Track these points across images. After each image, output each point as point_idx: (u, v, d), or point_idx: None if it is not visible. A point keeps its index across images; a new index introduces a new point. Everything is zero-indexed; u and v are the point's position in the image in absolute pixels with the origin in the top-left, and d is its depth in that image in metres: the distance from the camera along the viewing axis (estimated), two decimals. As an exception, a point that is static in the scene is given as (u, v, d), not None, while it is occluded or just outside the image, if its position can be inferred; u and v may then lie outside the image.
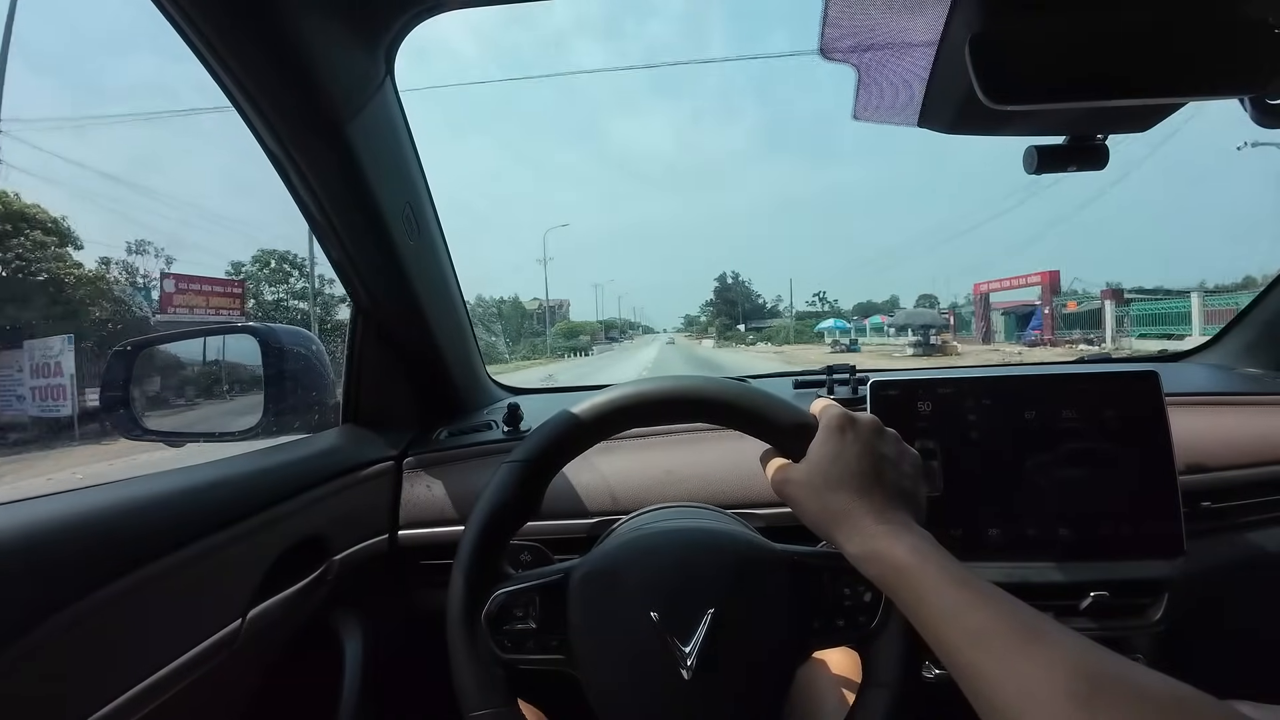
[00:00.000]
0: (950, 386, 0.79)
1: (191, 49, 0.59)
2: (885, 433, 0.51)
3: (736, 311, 77.19)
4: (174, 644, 0.57)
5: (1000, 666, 0.36)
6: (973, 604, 0.40)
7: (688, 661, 0.51)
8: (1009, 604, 0.39)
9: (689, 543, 0.58)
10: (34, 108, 54.68)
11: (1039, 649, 0.36)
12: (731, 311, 77.19)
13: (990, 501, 0.78)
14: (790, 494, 0.51)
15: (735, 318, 74.40)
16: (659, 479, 0.88)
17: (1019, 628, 0.38)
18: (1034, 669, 0.35)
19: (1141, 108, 0.68)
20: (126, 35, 63.12)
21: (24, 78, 58.19)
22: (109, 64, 66.65)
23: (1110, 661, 0.35)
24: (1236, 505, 0.86)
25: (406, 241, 0.84)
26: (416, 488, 0.93)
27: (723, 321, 72.07)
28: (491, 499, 0.55)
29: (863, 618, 0.54)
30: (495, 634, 0.54)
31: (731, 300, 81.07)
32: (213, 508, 0.64)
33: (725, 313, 77.44)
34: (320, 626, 0.82)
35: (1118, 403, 0.78)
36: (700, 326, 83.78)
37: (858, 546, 0.46)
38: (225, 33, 0.58)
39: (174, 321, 12.40)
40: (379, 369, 0.98)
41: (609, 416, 0.56)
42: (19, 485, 5.77)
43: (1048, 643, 0.36)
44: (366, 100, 0.70)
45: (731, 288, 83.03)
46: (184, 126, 65.95)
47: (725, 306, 79.70)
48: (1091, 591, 0.75)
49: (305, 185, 0.72)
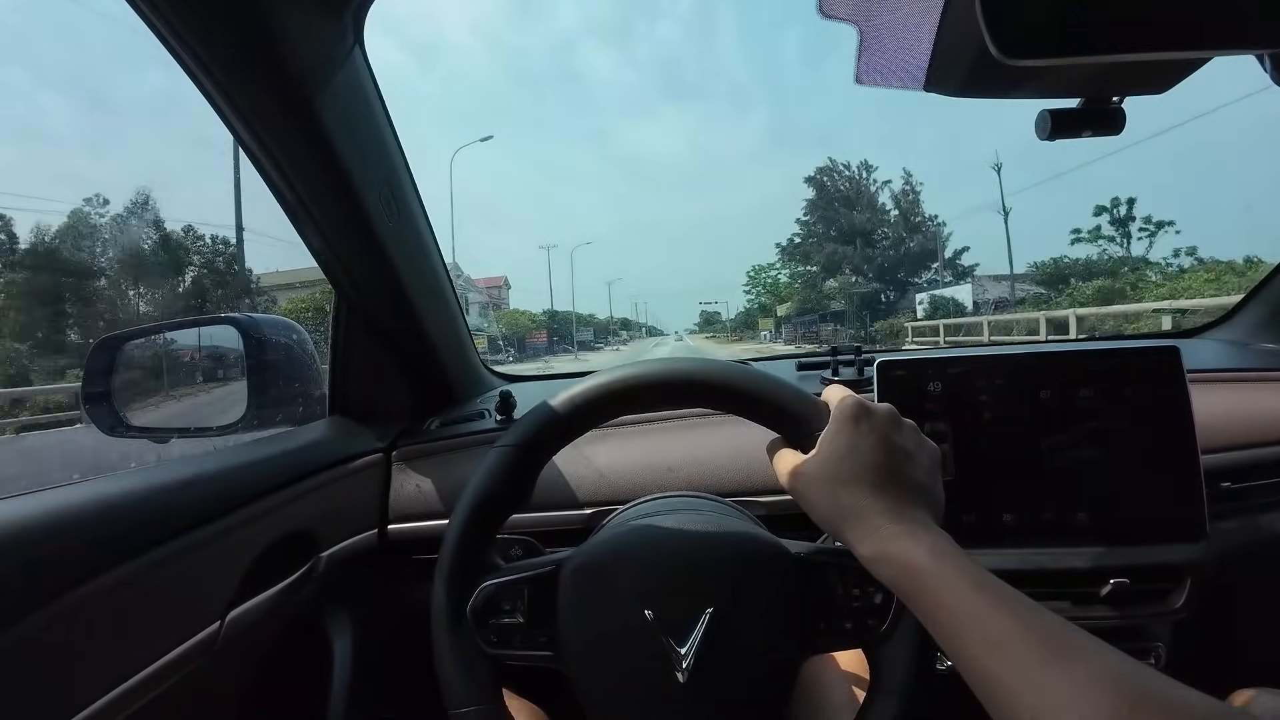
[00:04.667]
0: (961, 365, 0.76)
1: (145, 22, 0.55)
2: (903, 424, 0.48)
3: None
4: (149, 648, 0.55)
5: (1022, 678, 0.34)
6: (993, 610, 0.37)
7: (683, 664, 0.48)
8: (1033, 611, 0.36)
9: (687, 538, 0.55)
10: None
11: (1067, 663, 0.33)
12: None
13: (1004, 485, 0.75)
14: (799, 488, 0.48)
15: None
16: (656, 467, 0.85)
17: (1044, 637, 0.35)
18: (1061, 683, 0.32)
19: (1160, 65, 0.64)
20: (78, 19, 62.07)
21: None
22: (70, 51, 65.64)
23: (1147, 678, 0.32)
24: (1257, 485, 0.83)
25: (385, 223, 0.80)
26: (406, 480, 0.90)
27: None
28: (479, 485, 0.52)
29: (872, 620, 0.51)
30: (481, 628, 0.51)
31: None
32: (187, 505, 0.61)
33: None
34: (309, 624, 0.80)
35: (1137, 380, 0.74)
36: (727, 324, 62.83)
37: (871, 547, 0.43)
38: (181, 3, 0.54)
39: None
40: (366, 358, 0.95)
41: (604, 401, 0.53)
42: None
43: (1077, 655, 0.34)
44: (335, 70, 0.66)
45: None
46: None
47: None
48: (1111, 579, 0.72)
49: (272, 162, 0.68)
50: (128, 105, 59.05)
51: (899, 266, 36.07)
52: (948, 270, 34.15)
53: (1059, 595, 0.75)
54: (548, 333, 47.99)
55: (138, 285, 13.99)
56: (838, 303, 35.02)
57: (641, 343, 64.66)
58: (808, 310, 37.69)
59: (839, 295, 34.69)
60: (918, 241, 35.83)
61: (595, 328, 65.83)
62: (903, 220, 37.46)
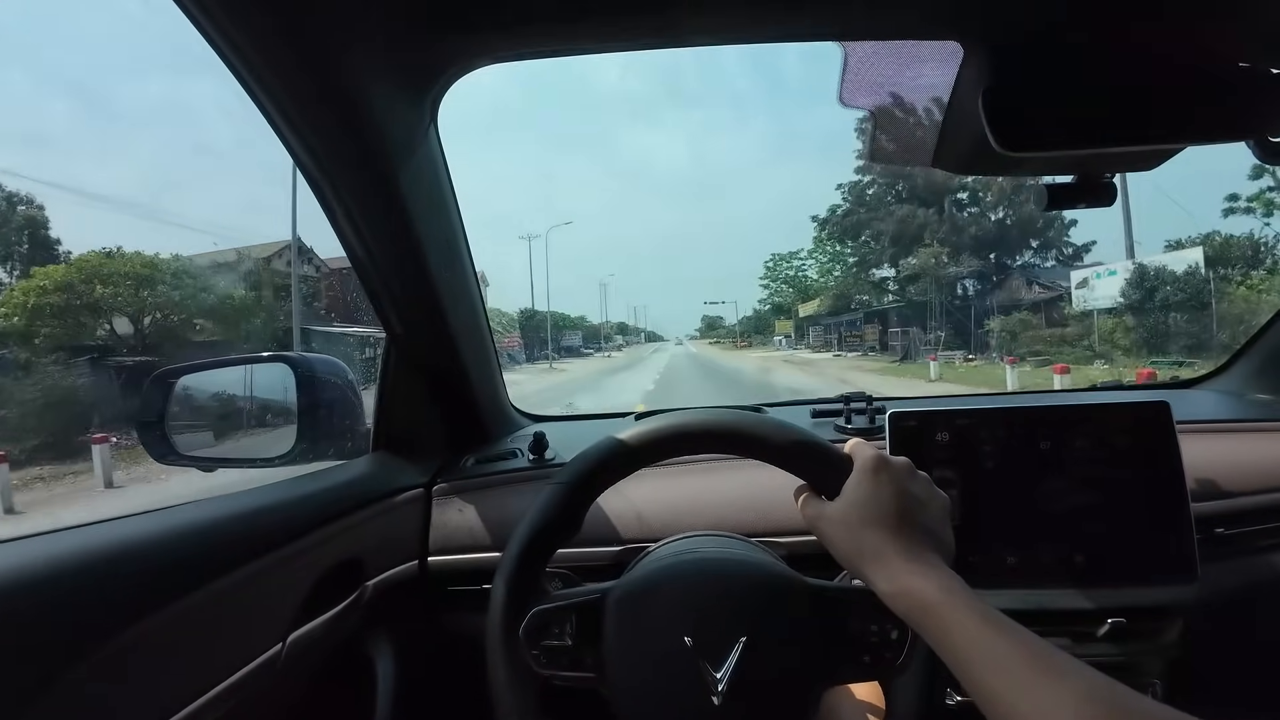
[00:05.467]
0: (967, 418, 0.81)
1: (253, 99, 0.63)
2: (917, 475, 0.54)
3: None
4: (220, 667, 0.60)
5: (1019, 693, 0.40)
6: (995, 636, 0.42)
7: (719, 688, 0.52)
8: (1030, 637, 0.42)
9: (724, 571, 0.60)
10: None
11: (1056, 679, 0.39)
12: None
13: (1007, 529, 0.79)
14: (824, 529, 0.53)
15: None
16: (682, 507, 0.90)
17: (1038, 659, 0.41)
18: (1051, 697, 0.38)
19: (1148, 150, 0.71)
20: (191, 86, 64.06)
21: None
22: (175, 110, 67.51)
23: (1123, 695, 0.38)
24: (1250, 531, 0.87)
25: (442, 274, 0.87)
26: (446, 514, 0.95)
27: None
28: (536, 517, 0.57)
29: (889, 654, 0.55)
30: (532, 649, 0.55)
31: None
32: (256, 534, 0.66)
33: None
34: (355, 649, 0.84)
35: (1130, 432, 0.79)
36: (734, 328, 57.39)
37: (888, 583, 0.48)
38: (287, 86, 0.62)
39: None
40: (409, 397, 1.01)
41: (651, 445, 0.58)
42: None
43: (1068, 675, 0.39)
44: (413, 146, 0.74)
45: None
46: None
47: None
48: (1109, 619, 0.77)
49: (351, 224, 0.76)
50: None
51: (994, 243, 24.87)
52: (1049, 251, 24.76)
53: (1059, 633, 0.78)
54: (520, 336, 36.51)
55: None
56: (921, 286, 23.01)
57: (639, 348, 59.78)
58: (846, 308, 28.72)
59: (926, 275, 22.84)
60: (1016, 210, 24.28)
61: (585, 331, 57.90)
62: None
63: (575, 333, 49.32)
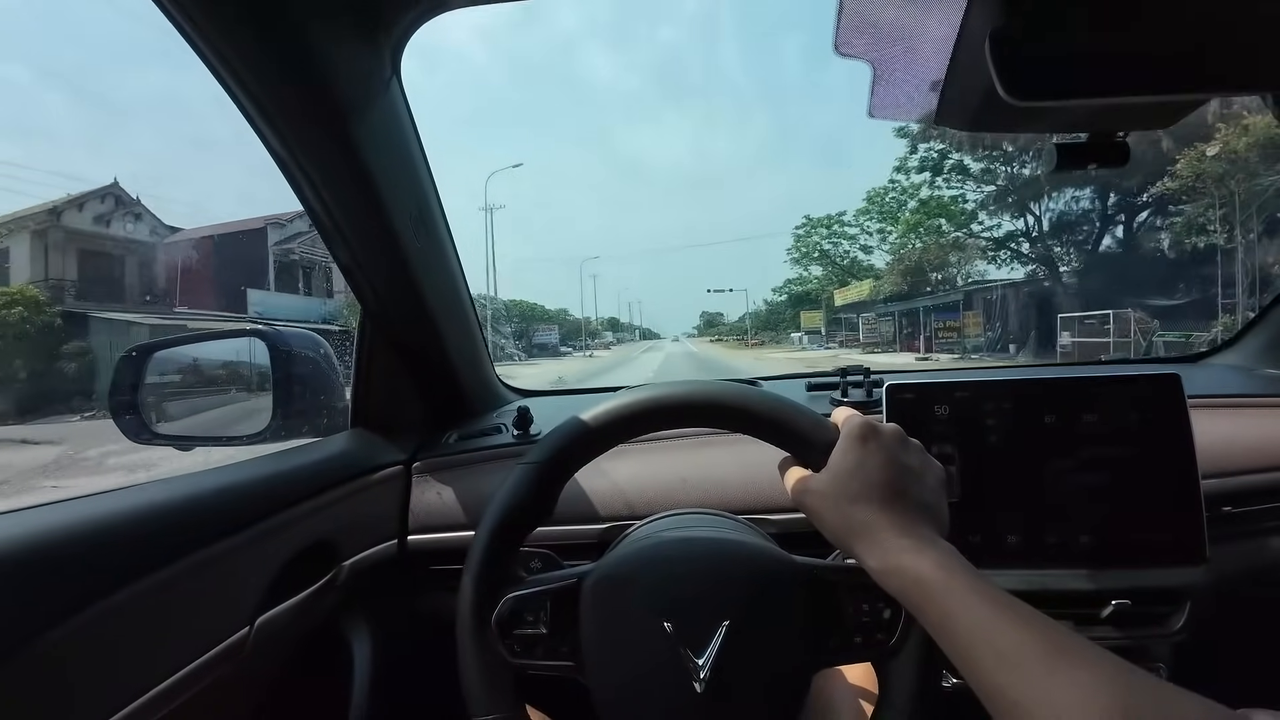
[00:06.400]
0: (968, 390, 0.78)
1: (195, 49, 0.59)
2: (909, 443, 0.50)
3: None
4: (182, 651, 0.57)
5: (1032, 691, 0.35)
6: (1003, 622, 0.39)
7: (700, 675, 0.50)
8: (1040, 623, 0.38)
9: (705, 553, 0.57)
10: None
11: (1070, 668, 0.35)
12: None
13: (1009, 507, 0.76)
14: (810, 505, 0.50)
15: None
16: (671, 484, 0.87)
17: (1046, 643, 0.37)
18: (1066, 695, 0.34)
19: (1164, 103, 0.67)
20: (126, 38, 61.84)
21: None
22: (111, 69, 65.31)
23: (1147, 688, 0.34)
24: (1258, 510, 0.84)
25: (414, 244, 0.83)
26: (426, 492, 0.93)
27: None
28: (505, 500, 0.54)
29: (881, 635, 0.53)
30: (505, 638, 0.53)
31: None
32: (221, 513, 0.63)
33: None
34: (330, 632, 0.82)
35: (1139, 406, 0.76)
36: (743, 322, 51.02)
37: (879, 560, 0.44)
38: (229, 32, 0.58)
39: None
40: (388, 372, 0.98)
41: (626, 421, 0.55)
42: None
43: (1079, 661, 0.35)
44: (373, 100, 0.69)
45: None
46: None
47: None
48: (1113, 600, 0.74)
49: (311, 186, 0.71)
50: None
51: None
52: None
53: (1061, 615, 0.75)
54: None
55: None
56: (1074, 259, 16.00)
57: (629, 347, 53.01)
58: (920, 289, 20.97)
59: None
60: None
61: (568, 327, 49.10)
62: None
63: (551, 328, 42.60)
